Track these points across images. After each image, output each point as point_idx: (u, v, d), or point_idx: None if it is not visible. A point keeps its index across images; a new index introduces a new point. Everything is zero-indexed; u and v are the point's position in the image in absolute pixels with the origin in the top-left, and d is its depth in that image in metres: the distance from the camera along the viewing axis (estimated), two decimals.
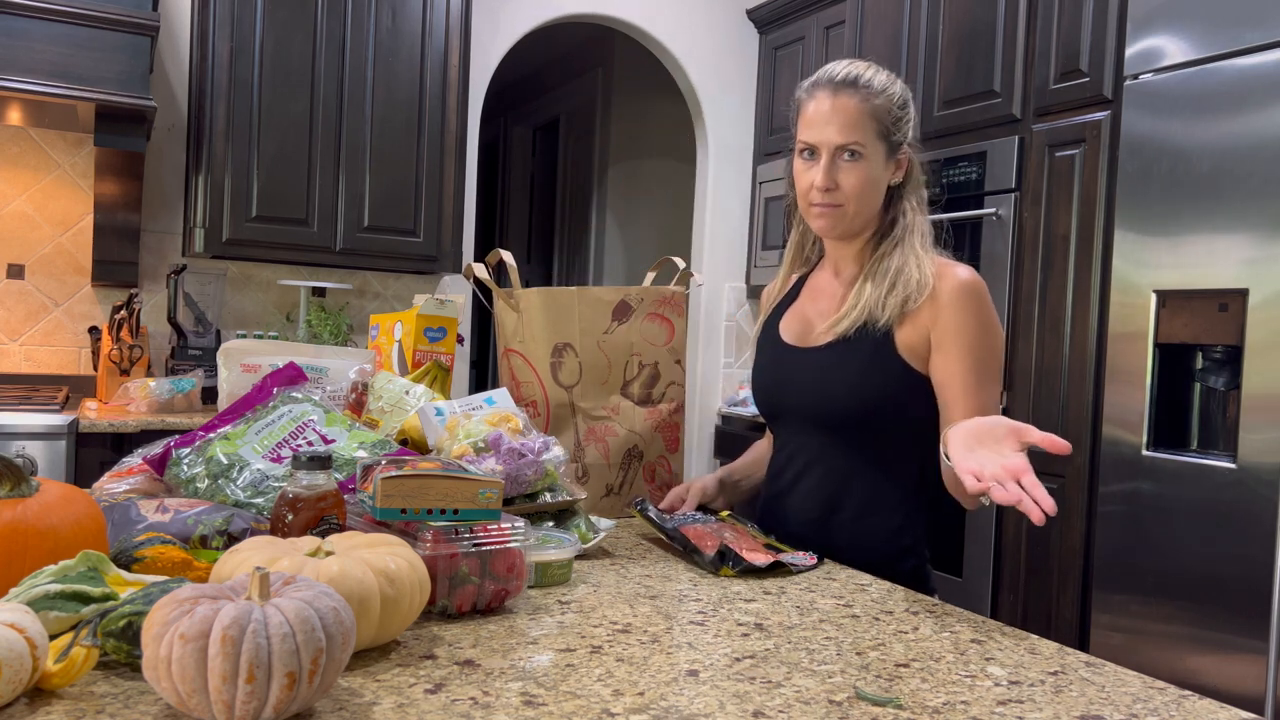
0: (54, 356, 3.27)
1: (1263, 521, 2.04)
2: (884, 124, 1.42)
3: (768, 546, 1.37)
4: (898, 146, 1.45)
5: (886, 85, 1.44)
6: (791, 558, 1.33)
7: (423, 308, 1.79)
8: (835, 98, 1.42)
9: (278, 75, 3.18)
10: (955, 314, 1.39)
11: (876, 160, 1.43)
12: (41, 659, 0.73)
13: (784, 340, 1.54)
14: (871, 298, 1.43)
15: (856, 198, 1.43)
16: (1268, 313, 2.07)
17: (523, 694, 0.81)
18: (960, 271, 1.41)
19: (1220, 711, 0.85)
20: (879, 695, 0.84)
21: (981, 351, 1.39)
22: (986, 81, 2.94)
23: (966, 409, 1.37)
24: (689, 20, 4.23)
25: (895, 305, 1.41)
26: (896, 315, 1.41)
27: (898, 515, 1.45)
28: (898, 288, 1.41)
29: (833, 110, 1.42)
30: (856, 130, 1.41)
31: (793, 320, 1.56)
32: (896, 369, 1.41)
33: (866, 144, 1.41)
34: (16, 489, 0.90)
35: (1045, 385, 2.70)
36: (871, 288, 1.44)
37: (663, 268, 1.85)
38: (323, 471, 1.04)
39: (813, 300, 1.56)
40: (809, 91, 1.46)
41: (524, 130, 6.55)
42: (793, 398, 1.50)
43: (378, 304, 3.74)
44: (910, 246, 1.45)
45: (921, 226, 1.47)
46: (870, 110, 1.41)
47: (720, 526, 1.43)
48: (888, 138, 1.43)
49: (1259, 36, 2.12)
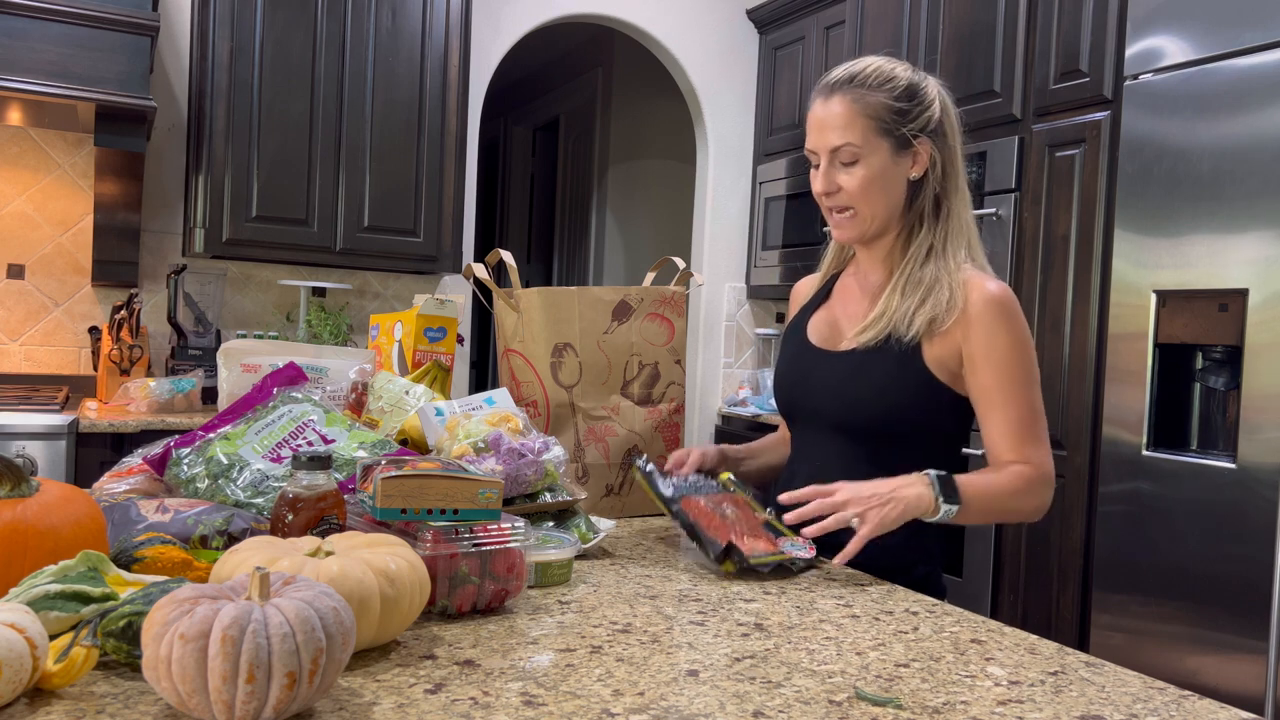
0: (54, 356, 3.27)
1: (1263, 521, 2.04)
2: (881, 120, 1.38)
3: (767, 527, 1.35)
4: (908, 140, 1.40)
5: (888, 78, 1.40)
6: (791, 545, 1.30)
7: (423, 308, 1.79)
8: (828, 101, 1.41)
9: (278, 75, 3.18)
10: (986, 332, 1.36)
11: (878, 158, 1.39)
12: (41, 659, 0.73)
13: (810, 342, 1.53)
14: (899, 312, 1.40)
15: (861, 199, 1.40)
16: (1268, 313, 2.07)
17: (523, 694, 0.81)
18: (991, 286, 1.37)
19: (1220, 711, 0.85)
20: (879, 695, 0.84)
21: (1014, 366, 1.37)
22: (986, 81, 2.94)
23: (1005, 419, 1.37)
24: (689, 20, 4.23)
25: (923, 322, 1.38)
26: (924, 330, 1.38)
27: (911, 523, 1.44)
28: (927, 305, 1.38)
29: (824, 114, 1.41)
30: (848, 131, 1.38)
31: (821, 323, 1.54)
32: (921, 382, 1.39)
33: (862, 144, 1.38)
34: (16, 489, 0.90)
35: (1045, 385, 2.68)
36: (900, 300, 1.41)
37: (663, 268, 1.85)
38: (323, 471, 1.04)
39: (843, 304, 1.54)
40: (810, 97, 1.46)
41: (524, 130, 6.55)
42: (813, 400, 1.48)
43: (378, 304, 3.74)
44: (945, 258, 1.41)
45: (961, 231, 1.43)
46: (862, 109, 1.38)
47: (721, 499, 1.40)
48: (891, 132, 1.39)
49: (1259, 36, 2.13)
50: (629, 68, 5.28)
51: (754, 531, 1.33)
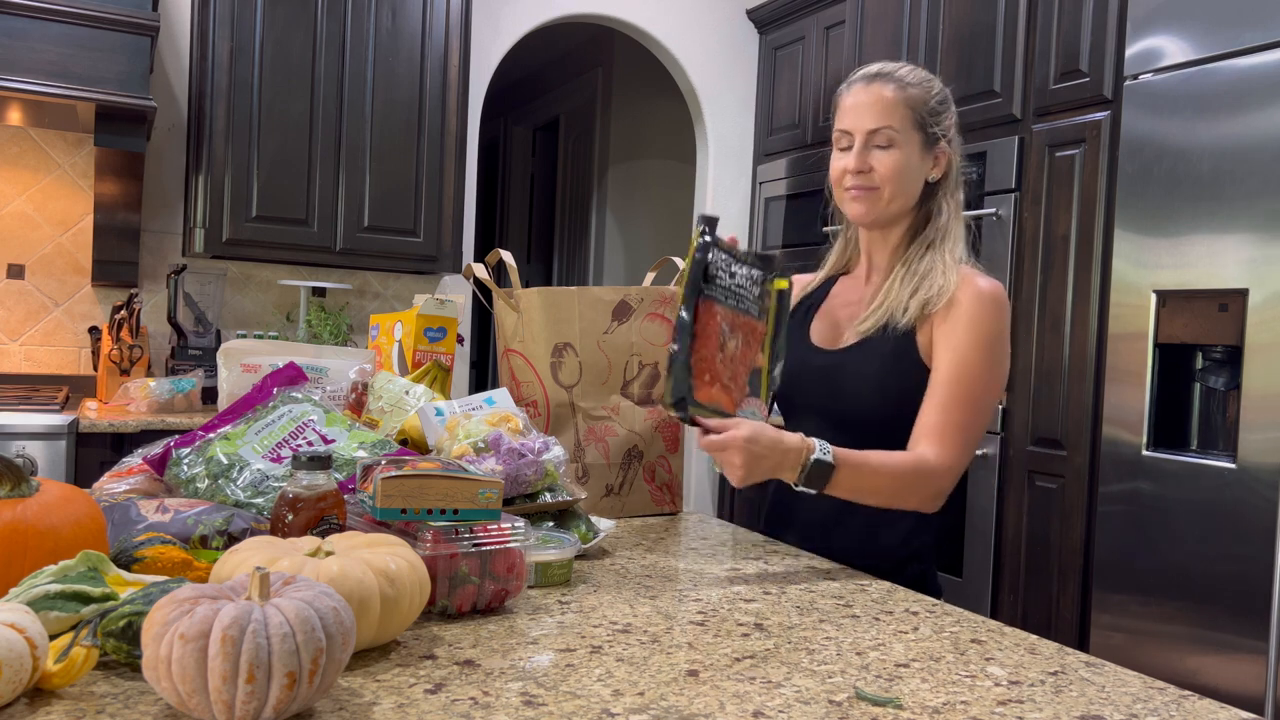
0: (54, 356, 3.27)
1: (1263, 521, 2.04)
2: (919, 114, 1.43)
3: (754, 377, 1.28)
4: (935, 140, 1.45)
5: (924, 79, 1.47)
6: (749, 412, 1.26)
7: (423, 308, 1.79)
8: (869, 87, 1.45)
9: (278, 75, 3.18)
10: (961, 321, 1.39)
11: (911, 149, 1.43)
12: (41, 659, 0.73)
13: (811, 341, 1.54)
14: (895, 299, 1.44)
15: (891, 181, 1.43)
16: (1268, 313, 2.07)
17: (523, 694, 0.81)
18: (981, 282, 1.41)
19: (1220, 711, 0.85)
20: (879, 695, 0.84)
21: (971, 362, 1.37)
22: (986, 81, 2.94)
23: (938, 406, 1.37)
24: (689, 20, 4.23)
25: (916, 307, 1.41)
26: (916, 316, 1.41)
27: (907, 520, 1.44)
28: (920, 291, 1.42)
29: (867, 97, 1.44)
30: (889, 116, 1.42)
31: (822, 323, 1.56)
32: (915, 371, 1.41)
33: (900, 130, 1.42)
34: (16, 489, 0.90)
35: (1045, 385, 2.70)
36: (899, 288, 1.45)
37: (663, 268, 1.85)
38: (323, 471, 1.04)
39: (844, 304, 1.56)
40: (846, 86, 1.49)
41: (524, 130, 6.55)
42: (811, 397, 1.50)
43: (378, 304, 3.74)
44: (941, 251, 1.45)
45: (956, 232, 1.47)
46: (904, 99, 1.43)
47: (742, 323, 1.28)
48: (924, 128, 1.44)
49: (1259, 36, 2.13)
50: (629, 68, 5.28)
51: (733, 375, 1.26)
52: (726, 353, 1.25)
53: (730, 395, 1.25)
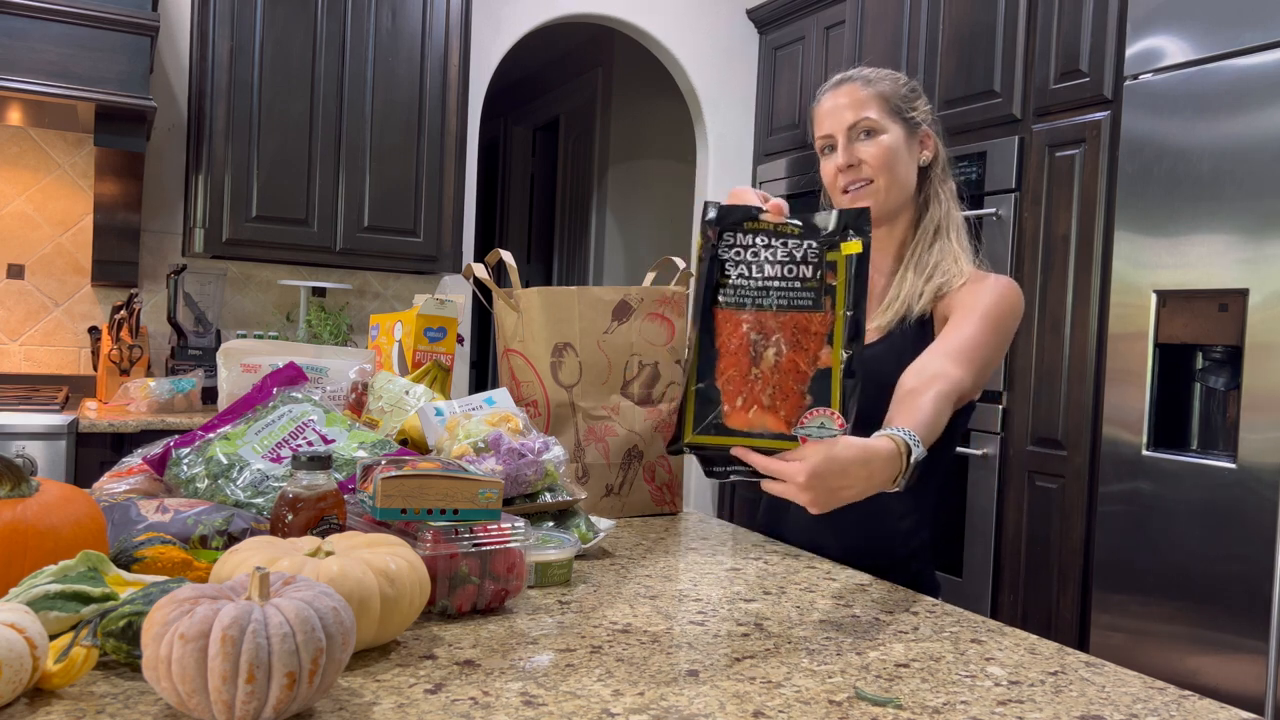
0: (54, 356, 3.27)
1: (1263, 521, 2.04)
2: (893, 102, 1.46)
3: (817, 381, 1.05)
4: (916, 125, 1.47)
5: (890, 74, 1.50)
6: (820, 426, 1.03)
7: (423, 308, 1.79)
8: (838, 89, 1.49)
9: (278, 75, 3.18)
10: (978, 291, 1.39)
11: (895, 135, 1.45)
12: (41, 659, 0.73)
13: None
14: (910, 289, 1.44)
15: (883, 169, 1.44)
16: (1268, 313, 2.07)
17: (523, 694, 0.81)
18: (1003, 277, 1.43)
19: (1220, 711, 0.85)
20: (879, 695, 0.84)
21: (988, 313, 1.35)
22: (986, 81, 2.94)
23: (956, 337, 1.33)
24: (689, 20, 4.23)
25: (930, 293, 1.42)
26: (930, 302, 1.42)
27: (907, 520, 1.44)
28: (934, 278, 1.43)
29: (839, 99, 1.47)
30: (865, 108, 1.45)
31: None
32: None
33: (879, 119, 1.44)
34: (16, 489, 0.90)
35: (1045, 385, 2.70)
36: (911, 277, 1.45)
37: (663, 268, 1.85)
38: (323, 471, 1.04)
39: None
40: (816, 98, 1.53)
41: (524, 130, 6.54)
42: None
43: (378, 304, 3.74)
44: (949, 240, 1.46)
45: (957, 219, 1.48)
46: (875, 93, 1.46)
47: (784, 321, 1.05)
48: (901, 114, 1.46)
49: (1259, 36, 2.13)
50: (629, 68, 5.28)
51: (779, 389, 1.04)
52: (762, 365, 1.04)
53: (777, 414, 1.04)
